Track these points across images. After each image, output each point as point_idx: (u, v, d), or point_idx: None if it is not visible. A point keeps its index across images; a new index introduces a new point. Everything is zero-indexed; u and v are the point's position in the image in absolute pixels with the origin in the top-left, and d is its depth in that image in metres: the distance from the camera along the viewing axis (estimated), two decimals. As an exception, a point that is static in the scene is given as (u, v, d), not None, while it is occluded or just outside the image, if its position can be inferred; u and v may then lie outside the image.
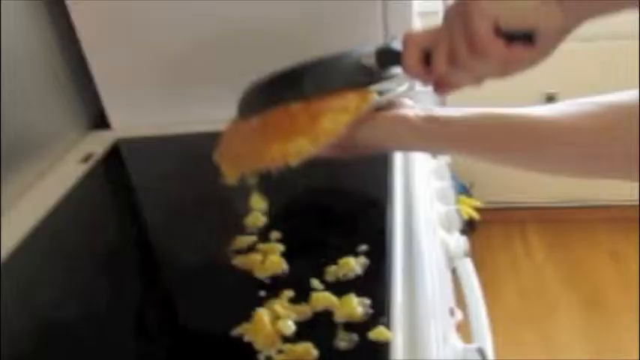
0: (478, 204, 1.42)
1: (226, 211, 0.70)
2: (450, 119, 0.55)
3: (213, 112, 0.92)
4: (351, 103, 0.56)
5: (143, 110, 0.97)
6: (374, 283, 0.56)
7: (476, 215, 1.35)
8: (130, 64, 0.94)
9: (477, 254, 0.88)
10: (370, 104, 0.57)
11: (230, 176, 0.62)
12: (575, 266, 1.85)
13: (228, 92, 0.88)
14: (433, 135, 0.56)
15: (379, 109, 0.58)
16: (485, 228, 1.80)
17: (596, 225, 1.97)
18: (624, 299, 1.69)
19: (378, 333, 0.50)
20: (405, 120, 0.56)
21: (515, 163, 0.56)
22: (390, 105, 0.59)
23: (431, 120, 0.55)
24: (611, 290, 1.74)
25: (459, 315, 0.66)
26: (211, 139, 0.90)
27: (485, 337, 0.66)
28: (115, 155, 0.92)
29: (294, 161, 0.56)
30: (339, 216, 0.67)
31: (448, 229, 0.72)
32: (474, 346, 0.55)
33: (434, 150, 0.59)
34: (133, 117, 0.98)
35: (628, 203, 1.92)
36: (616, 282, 1.77)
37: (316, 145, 0.55)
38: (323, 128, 0.55)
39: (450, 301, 0.65)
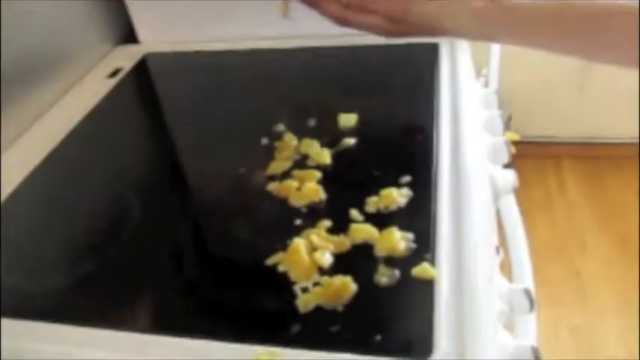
0: (516, 137, 1.36)
1: (258, 134, 0.66)
2: (515, 3, 0.51)
3: (243, 30, 0.87)
4: None
5: (172, 25, 0.93)
6: (417, 217, 0.52)
7: (513, 149, 1.30)
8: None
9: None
10: None
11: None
12: (608, 204, 1.80)
13: (259, 10, 0.84)
14: (493, 17, 0.52)
15: None
16: (520, 162, 1.74)
17: (629, 163, 1.89)
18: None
19: (421, 270, 0.47)
20: None
21: (574, 48, 0.53)
22: None
23: (496, 2, 0.51)
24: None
25: (502, 253, 0.63)
26: (241, 56, 0.86)
27: (528, 278, 0.63)
28: (143, 70, 0.88)
29: None
30: (381, 144, 0.63)
31: (494, 162, 0.67)
32: (520, 286, 0.52)
33: (491, 35, 0.55)
34: (162, 32, 0.93)
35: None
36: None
37: None
38: None
39: (495, 238, 0.61)
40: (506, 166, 0.76)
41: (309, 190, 0.56)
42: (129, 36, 0.96)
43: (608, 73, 1.64)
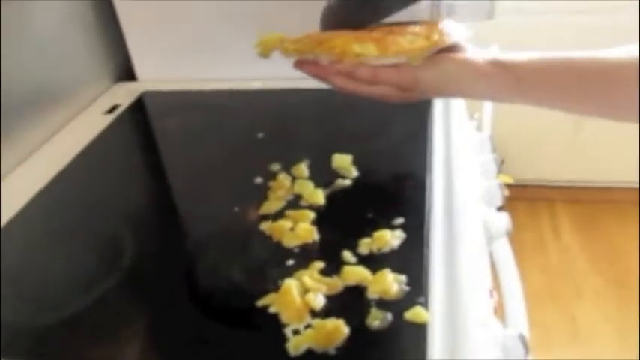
0: (510, 180, 1.37)
1: (252, 173, 0.66)
2: (517, 64, 0.53)
3: (240, 70, 0.89)
4: (432, 32, 0.56)
5: (170, 64, 0.94)
6: (411, 259, 0.52)
7: (506, 192, 1.30)
8: (159, 17, 0.90)
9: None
10: (446, 39, 0.55)
11: (266, 47, 0.61)
12: (603, 248, 1.80)
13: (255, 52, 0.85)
14: (499, 81, 0.53)
15: (443, 50, 0.55)
16: (514, 205, 1.74)
17: (626, 207, 1.90)
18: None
19: (414, 313, 0.46)
20: (471, 64, 0.53)
21: (582, 108, 0.55)
22: (453, 49, 0.56)
23: (497, 65, 0.53)
24: (638, 272, 1.69)
25: (495, 297, 0.62)
26: (237, 97, 0.87)
27: (523, 323, 0.62)
28: (140, 107, 0.88)
29: (350, 59, 0.56)
30: (375, 186, 0.63)
31: (489, 205, 0.68)
32: (515, 332, 0.52)
33: (498, 96, 0.56)
34: (160, 70, 0.95)
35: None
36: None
37: (383, 53, 0.55)
38: (396, 42, 0.55)
39: (489, 281, 0.61)
40: (500, 209, 0.77)
41: (302, 230, 0.55)
42: (127, 73, 0.97)
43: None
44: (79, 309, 0.51)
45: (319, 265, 0.52)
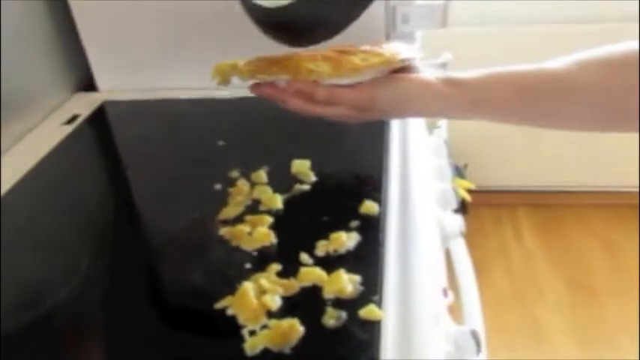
0: (471, 186, 1.40)
1: (212, 180, 0.67)
2: (470, 82, 0.55)
3: (200, 80, 0.89)
4: (385, 52, 0.57)
5: (130, 74, 0.95)
6: (366, 260, 0.53)
7: (468, 197, 1.33)
8: (118, 27, 0.91)
9: (467, 237, 0.86)
10: (402, 59, 0.57)
11: (222, 75, 0.62)
12: (565, 251, 1.85)
13: (213, 61, 0.86)
14: (454, 99, 0.55)
15: (397, 71, 0.57)
16: (476, 211, 1.78)
17: (586, 211, 1.96)
18: (612, 285, 1.69)
19: (368, 311, 0.47)
20: (427, 83, 0.55)
21: (535, 122, 0.58)
22: (407, 69, 0.57)
23: (452, 84, 0.55)
24: (599, 276, 1.74)
25: (450, 296, 0.64)
26: (198, 105, 0.88)
27: (477, 320, 0.64)
28: (100, 117, 0.88)
29: (303, 76, 0.57)
30: (333, 190, 0.65)
31: (444, 208, 0.70)
32: (467, 328, 0.53)
33: (453, 115, 0.58)
34: (120, 80, 0.95)
35: (620, 190, 1.91)
36: (604, 268, 1.76)
37: (336, 72, 0.56)
38: (350, 60, 0.56)
39: (443, 281, 0.63)
40: (457, 211, 0.79)
41: (260, 234, 0.56)
42: (87, 83, 0.96)
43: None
44: (37, 315, 0.51)
45: (277, 267, 0.53)
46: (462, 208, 0.93)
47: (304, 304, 0.49)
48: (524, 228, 1.96)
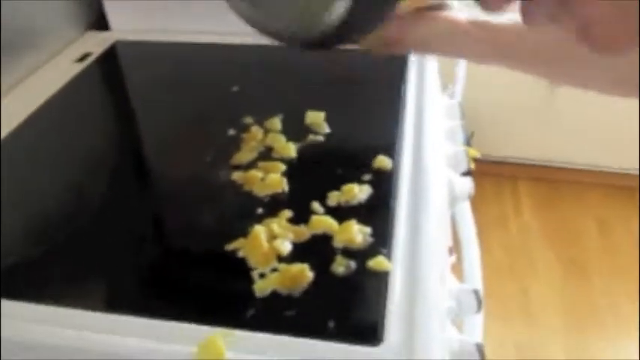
0: (477, 154, 1.40)
1: (225, 125, 0.66)
2: (500, 27, 0.53)
3: (215, 23, 0.88)
4: None
5: (144, 14, 0.93)
6: (376, 213, 0.54)
7: (472, 165, 1.33)
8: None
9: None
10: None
11: None
12: (561, 227, 1.86)
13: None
14: (483, 41, 0.54)
15: (430, 8, 0.56)
16: (479, 180, 1.78)
17: (586, 189, 1.97)
18: (603, 265, 1.71)
19: (377, 262, 0.48)
20: (457, 23, 0.55)
21: (559, 76, 0.56)
22: (439, 7, 0.57)
23: (482, 26, 0.54)
24: (592, 255, 1.76)
25: (454, 256, 0.65)
26: (212, 50, 0.87)
27: (478, 281, 0.65)
28: (111, 57, 0.87)
29: None
30: (347, 143, 0.64)
31: (454, 169, 0.70)
32: (469, 286, 0.54)
33: (481, 57, 0.57)
34: (133, 20, 0.93)
35: (620, 171, 1.92)
36: (598, 247, 1.78)
37: None
38: None
39: (449, 240, 0.63)
40: (465, 174, 0.79)
41: (272, 180, 0.57)
42: (100, 22, 0.95)
43: (572, 99, 1.70)
44: (49, 249, 0.52)
45: (288, 214, 0.53)
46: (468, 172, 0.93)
47: (314, 251, 0.50)
48: (524, 201, 1.97)
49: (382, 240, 0.51)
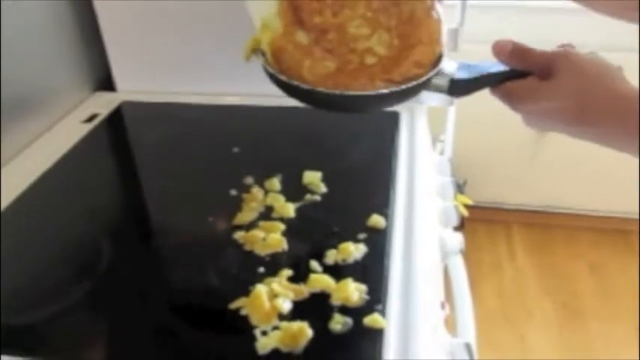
0: (469, 202, 1.43)
1: (227, 185, 0.70)
2: None
3: (218, 85, 0.93)
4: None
5: (150, 76, 0.97)
6: (371, 271, 0.57)
7: (465, 212, 1.36)
8: (140, 29, 0.93)
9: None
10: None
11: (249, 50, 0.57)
12: (555, 272, 1.88)
13: (231, 68, 0.89)
14: None
15: None
16: (472, 226, 1.82)
17: (578, 233, 2.00)
18: (599, 308, 1.72)
19: (372, 320, 0.51)
20: None
21: None
22: None
23: None
24: (586, 299, 1.77)
25: (447, 309, 0.67)
26: (214, 111, 0.91)
27: (471, 334, 0.67)
28: (118, 117, 0.91)
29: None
30: (343, 203, 0.68)
31: (445, 225, 0.73)
32: (461, 340, 0.57)
33: None
34: (139, 81, 0.98)
35: (612, 215, 1.95)
36: (592, 291, 1.80)
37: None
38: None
39: (441, 294, 0.66)
40: (457, 228, 0.82)
41: (273, 240, 0.60)
42: (107, 83, 1.00)
43: (562, 144, 1.75)
44: (56, 310, 0.54)
45: (288, 272, 0.56)
46: (459, 223, 0.96)
47: (313, 308, 0.53)
48: (518, 246, 2.00)
49: (377, 297, 0.54)
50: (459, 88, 0.53)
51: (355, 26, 0.52)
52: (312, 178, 0.70)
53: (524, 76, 0.50)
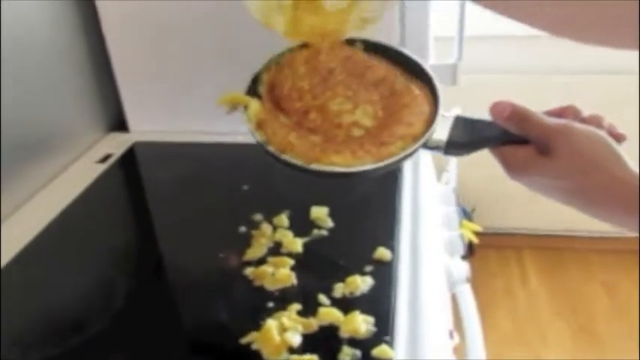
0: (478, 229, 1.44)
1: (237, 222, 0.72)
2: None
3: (228, 125, 0.95)
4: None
5: (162, 116, 1.00)
6: (379, 303, 0.58)
7: (475, 239, 1.37)
8: (153, 71, 0.97)
9: (473, 278, 0.90)
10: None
11: (229, 104, 0.59)
12: (568, 294, 1.88)
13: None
14: None
15: None
16: (483, 252, 1.83)
17: (590, 255, 2.00)
18: (614, 329, 1.71)
19: (381, 351, 0.52)
20: None
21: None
22: None
23: None
24: (602, 320, 1.76)
25: (456, 338, 0.68)
26: (224, 149, 0.94)
27: (480, 361, 0.68)
28: (131, 157, 0.94)
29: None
30: (349, 237, 0.70)
31: (451, 254, 0.75)
32: (470, 369, 0.58)
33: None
34: (152, 122, 1.01)
35: (622, 235, 1.95)
36: (606, 312, 1.79)
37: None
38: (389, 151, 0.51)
39: (450, 323, 0.67)
40: (466, 256, 0.84)
41: (282, 275, 0.62)
42: (120, 123, 1.03)
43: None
44: (72, 348, 0.56)
45: (297, 306, 0.58)
46: (469, 249, 0.97)
47: (322, 341, 0.54)
48: (530, 270, 2.00)
49: (385, 328, 0.55)
50: (454, 149, 0.53)
51: (337, 104, 0.53)
52: (319, 213, 0.72)
53: (522, 141, 0.50)
